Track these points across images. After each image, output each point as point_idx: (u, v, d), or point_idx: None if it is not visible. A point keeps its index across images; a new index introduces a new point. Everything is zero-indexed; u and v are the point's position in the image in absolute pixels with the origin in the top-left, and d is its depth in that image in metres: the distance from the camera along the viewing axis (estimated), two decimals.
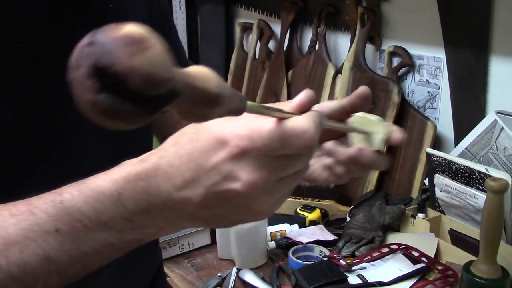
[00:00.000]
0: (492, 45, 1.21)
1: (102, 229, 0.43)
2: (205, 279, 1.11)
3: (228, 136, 0.40)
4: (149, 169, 0.42)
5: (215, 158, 0.40)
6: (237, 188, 0.40)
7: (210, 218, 0.43)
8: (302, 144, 0.39)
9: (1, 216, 0.44)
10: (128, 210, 0.43)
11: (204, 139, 0.41)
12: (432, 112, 1.39)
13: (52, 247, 0.43)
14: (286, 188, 0.43)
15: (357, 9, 1.46)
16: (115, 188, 0.43)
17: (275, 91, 1.75)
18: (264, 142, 0.39)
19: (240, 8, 2.00)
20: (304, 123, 0.40)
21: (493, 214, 0.91)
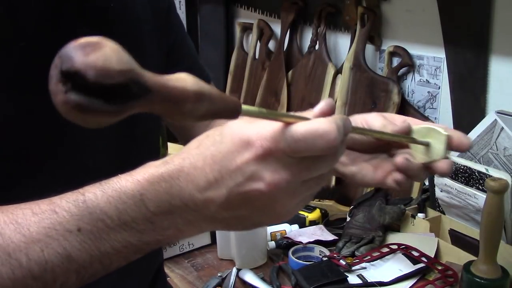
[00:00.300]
0: (492, 45, 1.21)
1: (123, 229, 0.44)
2: (205, 279, 1.11)
3: (252, 137, 0.40)
4: (172, 171, 0.43)
5: (239, 159, 0.41)
6: (261, 188, 0.41)
7: (231, 220, 0.44)
8: (324, 145, 0.40)
9: (23, 214, 0.45)
10: (149, 211, 0.43)
11: (227, 141, 0.41)
12: (432, 112, 1.39)
13: (73, 246, 0.43)
14: (308, 191, 0.43)
15: (357, 9, 1.46)
16: (137, 189, 0.43)
17: (275, 91, 1.75)
18: (288, 143, 0.40)
19: (240, 8, 2.00)
20: (326, 125, 0.40)
21: (493, 214, 0.91)
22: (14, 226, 0.44)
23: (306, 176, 0.42)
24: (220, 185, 0.41)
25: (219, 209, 0.42)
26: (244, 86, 1.90)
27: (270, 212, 0.43)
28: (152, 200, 0.43)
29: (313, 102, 1.63)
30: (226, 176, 0.41)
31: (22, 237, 0.43)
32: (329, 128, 0.40)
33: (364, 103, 1.46)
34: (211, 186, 0.41)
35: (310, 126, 0.40)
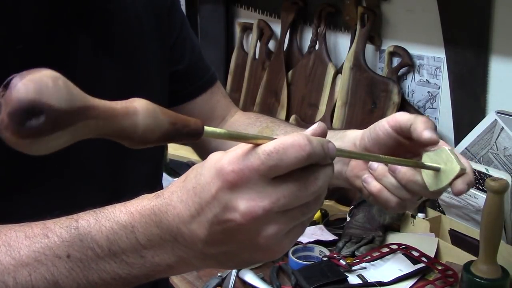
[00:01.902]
0: (492, 45, 1.21)
1: (113, 260, 0.43)
2: (205, 279, 1.11)
3: (224, 164, 0.39)
4: (161, 205, 0.43)
5: (215, 189, 0.39)
6: (237, 219, 0.39)
7: (220, 257, 0.43)
8: (295, 153, 0.38)
9: (16, 237, 0.44)
10: (140, 244, 0.43)
11: (205, 172, 0.41)
12: (432, 112, 1.39)
13: (61, 272, 0.43)
14: (295, 221, 0.41)
15: (357, 9, 1.46)
16: (129, 221, 0.43)
17: (275, 91, 1.75)
18: (260, 159, 0.38)
19: (240, 8, 2.00)
20: (296, 136, 0.39)
21: (493, 214, 0.91)
22: (5, 248, 0.44)
23: (286, 204, 0.39)
24: (201, 218, 0.40)
25: (205, 245, 0.41)
26: (244, 86, 1.90)
27: (255, 247, 0.41)
28: (142, 233, 0.42)
29: (313, 102, 1.63)
30: (205, 208, 0.40)
31: (12, 259, 0.43)
32: (299, 138, 0.39)
33: (364, 103, 1.45)
34: (194, 219, 0.41)
35: (282, 139, 0.39)
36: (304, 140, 0.39)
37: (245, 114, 0.91)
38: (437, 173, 0.53)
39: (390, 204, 0.56)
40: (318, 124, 0.43)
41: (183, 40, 0.82)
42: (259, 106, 1.80)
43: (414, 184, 0.55)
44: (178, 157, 1.69)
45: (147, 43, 0.73)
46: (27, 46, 0.56)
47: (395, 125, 0.58)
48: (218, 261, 0.43)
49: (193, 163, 1.66)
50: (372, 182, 0.57)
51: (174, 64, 0.81)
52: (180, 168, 1.63)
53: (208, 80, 0.87)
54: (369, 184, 0.57)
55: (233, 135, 0.40)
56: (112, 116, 0.34)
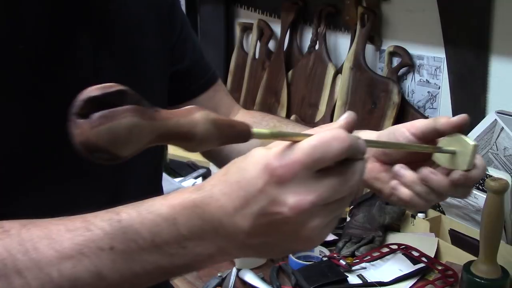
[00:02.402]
0: (492, 45, 1.21)
1: (155, 251, 0.44)
2: (205, 279, 1.11)
3: (271, 160, 0.41)
4: (204, 197, 0.44)
5: (262, 183, 0.41)
6: (285, 212, 0.41)
7: (261, 247, 0.44)
8: (338, 146, 0.41)
9: (57, 230, 0.45)
10: (182, 235, 0.44)
11: (250, 167, 0.42)
12: (432, 112, 1.39)
13: (105, 264, 0.44)
14: (333, 213, 0.43)
15: (357, 9, 1.46)
16: (171, 213, 0.44)
17: (275, 91, 1.75)
18: (305, 153, 0.40)
19: (240, 8, 2.00)
20: (335, 130, 0.42)
21: (493, 214, 0.91)
22: (47, 241, 0.44)
23: (328, 197, 0.42)
24: (246, 211, 0.42)
25: (247, 236, 0.43)
26: (244, 86, 1.90)
27: (297, 237, 0.43)
28: (185, 225, 0.44)
29: (313, 102, 1.63)
30: (251, 202, 0.41)
31: (55, 252, 0.44)
32: (339, 131, 0.42)
33: (364, 103, 1.46)
34: (237, 212, 0.42)
35: (323, 133, 0.41)
36: (344, 132, 0.42)
37: (249, 113, 0.91)
38: (453, 156, 0.57)
39: (419, 208, 0.60)
40: (348, 113, 0.46)
41: (184, 40, 0.82)
42: (259, 106, 1.80)
43: (447, 188, 0.58)
44: (178, 157, 1.69)
45: (147, 43, 0.73)
46: (28, 46, 0.56)
47: (417, 132, 0.60)
48: (257, 251, 0.45)
49: (193, 163, 1.66)
50: (402, 189, 0.60)
51: (175, 63, 0.81)
52: (180, 168, 1.63)
53: (210, 78, 0.87)
54: (399, 191, 0.60)
55: (275, 133, 0.42)
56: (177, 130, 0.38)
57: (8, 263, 0.43)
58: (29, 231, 0.45)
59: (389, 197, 0.62)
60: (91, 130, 0.34)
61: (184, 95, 0.84)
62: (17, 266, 0.43)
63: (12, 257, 0.43)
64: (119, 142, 0.35)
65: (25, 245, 0.44)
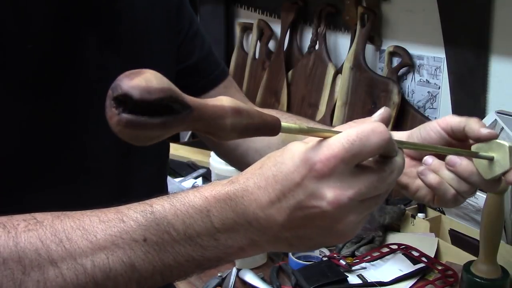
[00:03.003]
0: (492, 45, 1.21)
1: (188, 243, 0.44)
2: (205, 279, 1.11)
3: (311, 155, 0.41)
4: (237, 190, 0.44)
5: (300, 178, 0.41)
6: (323, 206, 0.41)
7: (293, 240, 0.44)
8: (377, 140, 0.41)
9: (90, 221, 0.45)
10: (214, 227, 0.44)
11: (288, 161, 0.42)
12: (432, 112, 1.39)
13: (138, 256, 0.44)
14: (368, 210, 0.44)
15: (357, 9, 1.46)
16: (205, 205, 0.44)
17: (275, 91, 1.75)
18: (345, 147, 0.41)
19: (240, 8, 2.00)
20: (373, 123, 0.42)
21: (493, 214, 0.91)
22: (81, 232, 0.44)
23: (366, 193, 0.42)
24: (282, 204, 0.42)
25: (281, 228, 0.43)
26: (244, 86, 1.90)
27: (332, 232, 0.43)
28: (218, 217, 0.44)
29: (313, 102, 1.63)
30: (288, 195, 0.42)
31: (89, 243, 0.44)
32: (378, 124, 0.42)
33: (364, 103, 1.46)
34: (273, 205, 0.42)
35: (361, 127, 0.42)
36: (383, 126, 0.42)
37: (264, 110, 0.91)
38: (490, 162, 0.55)
39: (447, 196, 0.57)
40: (384, 109, 0.47)
41: (193, 36, 0.82)
42: (259, 106, 1.79)
43: (475, 176, 0.56)
44: (178, 157, 1.69)
45: (154, 42, 0.73)
46: (36, 46, 0.56)
47: (447, 127, 0.59)
48: (289, 244, 0.45)
49: (193, 163, 1.66)
50: (430, 175, 0.58)
51: (184, 60, 0.80)
52: (180, 168, 1.63)
53: (219, 74, 0.86)
54: (427, 176, 0.58)
55: (304, 129, 0.42)
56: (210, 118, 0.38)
57: (42, 253, 0.43)
58: (62, 222, 0.45)
59: (415, 193, 0.60)
60: (117, 125, 0.36)
61: (194, 91, 0.84)
62: (51, 256, 0.43)
63: (46, 247, 0.43)
64: (139, 142, 0.37)
65: (59, 235, 0.44)
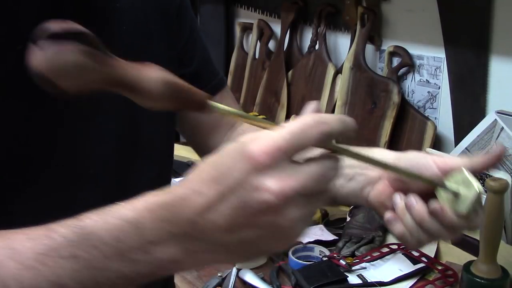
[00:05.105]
0: (492, 45, 1.21)
1: (118, 258, 0.42)
2: (205, 279, 1.11)
3: (250, 147, 0.39)
4: (172, 199, 0.42)
5: (240, 173, 0.39)
6: (267, 199, 0.39)
7: (235, 246, 0.41)
8: (318, 129, 0.39)
9: (19, 240, 0.43)
10: (146, 240, 0.42)
11: (226, 159, 0.40)
12: (432, 112, 1.39)
13: (67, 274, 0.42)
14: (310, 208, 0.42)
15: (357, 9, 1.46)
16: (136, 217, 0.42)
17: (275, 91, 1.75)
18: (286, 138, 0.39)
19: (240, 8, 2.00)
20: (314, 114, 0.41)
21: (493, 214, 0.91)
22: (8, 252, 0.43)
23: (309, 187, 0.40)
24: (223, 204, 0.40)
25: (222, 233, 0.40)
26: (244, 86, 1.90)
27: (275, 232, 0.41)
28: (150, 229, 0.42)
29: None
30: (229, 195, 0.39)
31: (16, 263, 0.42)
32: (318, 115, 0.41)
33: (364, 103, 1.46)
34: (211, 207, 0.40)
35: (301, 119, 0.40)
36: (322, 116, 0.40)
37: None
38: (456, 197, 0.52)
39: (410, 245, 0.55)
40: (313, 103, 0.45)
41: (193, 43, 0.80)
42: (259, 106, 1.80)
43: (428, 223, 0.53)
44: (178, 157, 1.69)
45: (153, 44, 0.72)
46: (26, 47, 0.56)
47: (445, 169, 0.55)
48: (231, 252, 0.42)
49: (193, 163, 1.66)
50: (396, 225, 0.55)
51: (182, 67, 0.78)
52: (180, 168, 1.63)
53: (216, 84, 0.84)
54: (393, 226, 0.55)
55: (239, 113, 0.42)
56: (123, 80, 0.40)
57: None
58: None
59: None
60: (40, 57, 0.36)
61: None
62: None
63: None
64: (59, 73, 0.37)
65: None
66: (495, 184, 0.90)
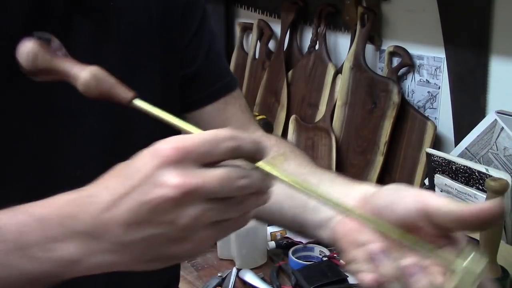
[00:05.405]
0: (492, 45, 1.21)
1: (19, 254, 0.42)
2: (205, 279, 1.11)
3: (160, 145, 0.40)
4: (81, 195, 0.42)
5: (145, 169, 0.39)
6: (168, 192, 0.38)
7: (138, 246, 0.41)
8: (227, 144, 0.40)
9: None
10: (49, 236, 0.41)
11: (137, 159, 0.41)
12: (432, 112, 1.39)
13: None
14: (212, 213, 0.40)
15: (357, 9, 1.46)
16: (43, 212, 0.42)
17: (275, 91, 1.75)
18: (194, 144, 0.39)
19: (240, 8, 2.00)
20: (229, 129, 0.41)
21: None
22: None
23: (213, 188, 0.39)
24: (126, 200, 0.39)
25: (123, 230, 0.40)
26: (244, 86, 1.90)
27: (178, 230, 0.40)
28: (54, 225, 0.41)
29: (313, 102, 1.63)
30: (132, 190, 0.39)
31: None
32: (231, 130, 0.41)
33: (364, 103, 1.46)
34: (115, 203, 0.40)
35: (218, 130, 0.41)
36: (235, 132, 0.41)
37: (265, 136, 0.79)
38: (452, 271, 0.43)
39: None
40: None
41: (198, 43, 0.75)
42: (259, 106, 1.80)
43: None
44: None
45: (150, 44, 0.70)
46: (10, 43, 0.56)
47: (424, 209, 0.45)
48: (133, 254, 0.41)
49: None
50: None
51: (184, 67, 0.74)
52: None
53: (220, 88, 0.77)
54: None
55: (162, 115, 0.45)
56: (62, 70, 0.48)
57: None
58: None
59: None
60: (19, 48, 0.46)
61: (189, 105, 0.76)
62: None
63: None
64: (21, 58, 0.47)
65: None
66: (495, 184, 0.90)
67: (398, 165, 1.39)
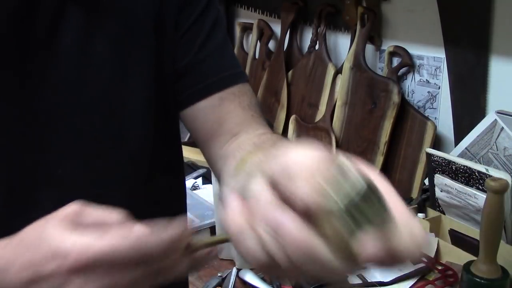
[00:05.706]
0: (492, 45, 1.21)
1: None
2: (205, 279, 1.11)
3: (69, 248, 0.40)
4: None
5: (51, 267, 0.40)
6: None
7: None
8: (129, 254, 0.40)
9: None
10: None
11: (46, 245, 0.41)
12: (432, 112, 1.39)
13: None
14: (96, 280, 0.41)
15: (357, 9, 1.46)
16: None
17: (275, 91, 1.75)
18: (104, 250, 0.40)
19: (240, 8, 2.00)
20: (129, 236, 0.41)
21: (493, 214, 0.91)
22: None
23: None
24: None
25: None
26: None
27: None
28: None
29: (313, 102, 1.63)
30: (38, 280, 0.41)
31: None
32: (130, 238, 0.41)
33: (364, 103, 1.45)
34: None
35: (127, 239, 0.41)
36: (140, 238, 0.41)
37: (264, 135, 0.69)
38: None
39: None
40: None
41: (196, 33, 0.69)
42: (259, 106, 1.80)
43: None
44: None
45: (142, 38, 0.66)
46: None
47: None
48: None
49: (193, 163, 1.66)
50: None
51: (177, 60, 0.69)
52: None
53: (215, 82, 0.69)
54: None
55: None
56: None
57: None
58: None
59: None
60: None
61: (181, 101, 0.70)
62: None
63: None
64: None
65: None
66: (495, 184, 0.90)
67: (398, 165, 1.39)
